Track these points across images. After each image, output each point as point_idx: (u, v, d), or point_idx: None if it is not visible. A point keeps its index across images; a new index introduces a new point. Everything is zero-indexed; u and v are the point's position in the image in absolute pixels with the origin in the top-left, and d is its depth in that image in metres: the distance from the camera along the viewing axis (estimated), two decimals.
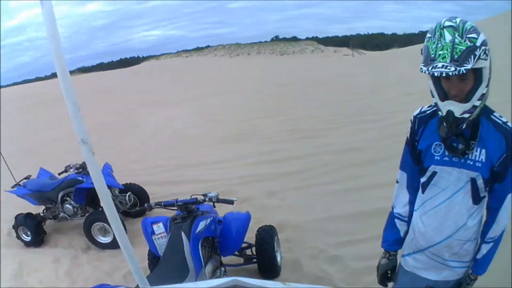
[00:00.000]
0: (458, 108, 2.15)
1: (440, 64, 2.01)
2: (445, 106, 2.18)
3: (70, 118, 1.52)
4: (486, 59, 2.07)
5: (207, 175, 9.27)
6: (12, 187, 7.29)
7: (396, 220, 2.75)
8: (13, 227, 6.98)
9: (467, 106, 2.14)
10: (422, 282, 2.64)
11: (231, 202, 4.40)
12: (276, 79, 30.26)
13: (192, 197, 4.40)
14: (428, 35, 2.14)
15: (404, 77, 17.72)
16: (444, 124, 2.25)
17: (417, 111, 2.53)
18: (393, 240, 2.78)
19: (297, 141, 11.19)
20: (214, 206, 4.63)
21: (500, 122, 2.29)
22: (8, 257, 6.63)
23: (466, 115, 2.16)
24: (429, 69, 2.04)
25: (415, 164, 2.57)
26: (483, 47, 2.05)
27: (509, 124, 2.28)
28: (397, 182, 2.73)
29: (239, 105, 19.32)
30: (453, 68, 1.98)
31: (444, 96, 2.21)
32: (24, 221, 6.84)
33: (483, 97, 2.16)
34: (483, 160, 2.28)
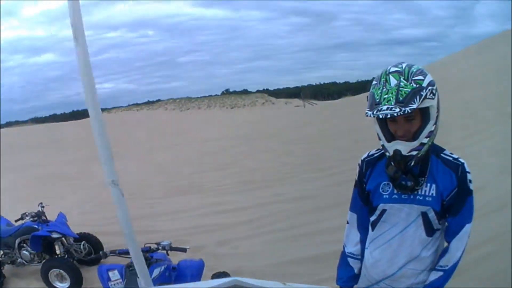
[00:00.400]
0: (405, 147, 2.20)
1: (385, 107, 2.08)
2: (392, 146, 2.24)
3: (100, 160, 1.55)
4: (433, 98, 2.15)
5: (160, 225, 9.26)
6: None
7: (348, 258, 2.79)
8: None
9: (415, 144, 2.20)
10: None
11: (184, 250, 4.49)
12: (226, 132, 30.49)
13: (146, 245, 4.46)
14: (374, 82, 2.22)
15: (355, 124, 18.08)
16: (392, 163, 2.29)
17: (365, 155, 2.62)
18: (347, 277, 2.80)
19: (248, 191, 11.25)
20: (168, 254, 4.68)
21: (451, 158, 2.34)
22: None
23: (414, 152, 2.22)
24: (374, 112, 2.11)
25: (364, 204, 2.63)
26: (429, 87, 2.13)
27: (460, 159, 2.34)
28: (348, 222, 2.79)
29: (191, 157, 19.44)
30: (398, 109, 2.05)
31: (390, 137, 2.27)
32: None
33: (431, 134, 2.22)
34: (434, 195, 2.32)
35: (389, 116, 2.07)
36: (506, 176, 7.86)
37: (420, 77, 2.14)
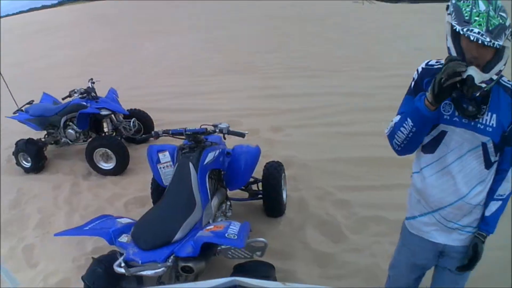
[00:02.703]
0: (479, 76, 2.01)
1: (476, 30, 1.95)
2: (467, 70, 2.02)
3: None
4: (510, 40, 2.02)
5: (209, 104, 9.23)
6: (14, 113, 7.20)
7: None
8: (13, 153, 6.91)
9: (487, 76, 2.04)
10: (430, 246, 2.53)
11: (242, 135, 4.12)
12: (272, 12, 29.43)
13: (202, 127, 4.14)
14: None
15: (413, 31, 16.95)
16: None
17: (423, 64, 2.36)
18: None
19: (298, 78, 10.94)
20: (224, 138, 4.38)
21: (509, 85, 2.22)
22: (7, 184, 6.56)
23: (483, 85, 2.05)
24: (465, 30, 1.96)
25: None
26: (510, 29, 2.00)
27: None
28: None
29: (237, 37, 19.11)
30: (489, 39, 1.92)
31: (462, 57, 2.08)
32: (25, 147, 6.74)
33: (500, 73, 2.09)
34: (494, 125, 2.19)
35: (480, 42, 1.93)
36: None
37: (504, 15, 2.01)
